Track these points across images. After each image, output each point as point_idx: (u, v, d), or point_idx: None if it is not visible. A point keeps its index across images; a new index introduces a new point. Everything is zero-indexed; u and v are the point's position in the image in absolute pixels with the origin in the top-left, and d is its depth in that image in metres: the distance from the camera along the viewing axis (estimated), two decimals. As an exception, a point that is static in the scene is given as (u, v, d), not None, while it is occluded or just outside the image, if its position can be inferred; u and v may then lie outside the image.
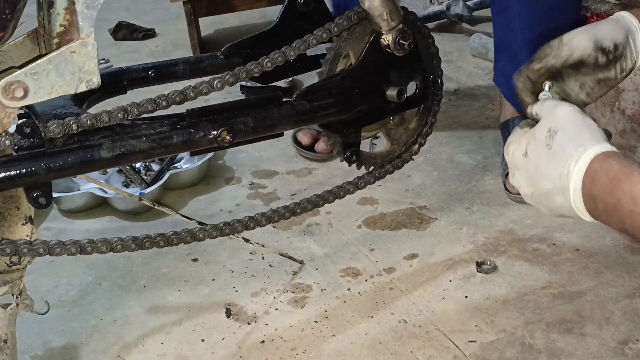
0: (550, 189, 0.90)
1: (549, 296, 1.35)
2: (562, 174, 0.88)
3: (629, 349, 1.20)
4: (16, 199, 0.97)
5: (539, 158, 0.91)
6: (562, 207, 0.90)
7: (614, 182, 0.84)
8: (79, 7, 0.88)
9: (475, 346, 1.24)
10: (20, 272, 1.03)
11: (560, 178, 0.88)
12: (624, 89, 1.73)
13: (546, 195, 0.91)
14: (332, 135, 1.11)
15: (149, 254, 1.59)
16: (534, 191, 0.93)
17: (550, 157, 0.90)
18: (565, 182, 0.88)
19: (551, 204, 0.92)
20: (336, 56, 1.06)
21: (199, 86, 0.98)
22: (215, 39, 3.06)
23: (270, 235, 1.63)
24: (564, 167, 0.88)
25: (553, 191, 0.90)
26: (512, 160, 0.96)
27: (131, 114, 0.94)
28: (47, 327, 1.37)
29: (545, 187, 0.91)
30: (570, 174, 0.87)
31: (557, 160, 0.89)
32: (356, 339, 1.28)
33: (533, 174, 0.92)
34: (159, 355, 1.29)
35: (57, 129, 0.89)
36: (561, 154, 0.89)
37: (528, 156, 0.93)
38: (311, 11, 1.13)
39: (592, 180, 0.86)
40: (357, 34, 1.07)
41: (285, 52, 1.02)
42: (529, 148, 0.93)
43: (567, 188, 0.88)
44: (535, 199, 0.94)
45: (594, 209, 0.87)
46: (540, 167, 0.91)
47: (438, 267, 1.46)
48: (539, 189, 0.92)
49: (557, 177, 0.89)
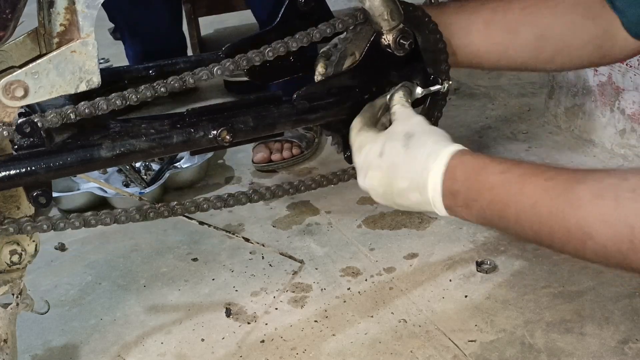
0: (406, 187, 0.94)
1: (549, 296, 1.35)
2: (419, 171, 0.92)
3: (629, 349, 1.20)
4: (16, 199, 0.97)
5: (396, 156, 0.94)
6: (417, 203, 0.95)
7: (472, 175, 0.90)
8: (79, 6, 0.88)
9: (475, 346, 1.24)
10: (20, 272, 1.03)
11: (419, 175, 0.92)
12: (624, 88, 1.73)
13: (400, 193, 0.95)
14: (333, 134, 1.11)
15: (148, 253, 1.59)
16: (387, 190, 0.96)
17: (407, 156, 0.94)
18: (423, 179, 0.92)
19: (404, 202, 0.96)
20: (342, 57, 1.06)
21: (199, 72, 0.98)
22: (215, 39, 3.05)
23: (270, 234, 1.63)
24: (423, 165, 0.92)
25: (409, 189, 0.94)
26: (366, 159, 0.98)
27: (129, 101, 0.93)
28: (47, 326, 1.37)
29: (400, 186, 0.94)
30: (429, 171, 0.91)
31: (415, 159, 0.93)
32: (356, 339, 1.28)
33: (389, 173, 0.95)
34: (159, 355, 1.29)
35: (55, 119, 0.89)
36: (419, 153, 0.93)
37: (384, 155, 0.96)
38: (312, 10, 1.13)
39: (451, 175, 0.91)
40: (363, 34, 1.07)
41: (287, 42, 1.02)
42: (385, 148, 0.96)
43: (425, 185, 0.92)
44: (387, 197, 0.98)
45: (452, 204, 0.92)
46: (398, 166, 0.94)
47: (438, 266, 1.46)
48: (394, 187, 0.95)
49: (414, 175, 0.93)
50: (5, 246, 1.00)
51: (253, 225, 1.66)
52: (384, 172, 0.96)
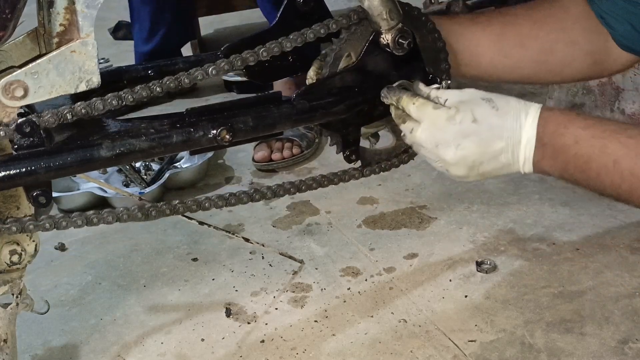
0: (502, 147, 0.96)
1: (549, 296, 1.34)
2: (514, 128, 0.95)
3: (629, 349, 1.20)
4: (16, 199, 0.97)
5: (491, 118, 0.96)
6: (503, 166, 0.98)
7: (560, 128, 0.94)
8: (79, 6, 0.88)
9: (475, 346, 1.24)
10: (20, 272, 1.03)
11: (514, 132, 0.95)
12: (624, 88, 1.73)
13: (494, 156, 0.97)
14: (333, 134, 1.11)
15: (148, 253, 1.59)
16: (480, 156, 0.97)
17: (500, 117, 0.96)
18: (517, 135, 0.95)
19: (490, 167, 0.98)
20: (337, 58, 1.06)
21: (194, 72, 0.98)
22: (215, 39, 3.06)
23: (270, 234, 1.63)
24: (515, 122, 0.95)
25: (503, 149, 0.96)
26: (461, 128, 0.97)
27: (125, 101, 0.93)
28: (47, 326, 1.37)
29: (496, 147, 0.96)
30: (522, 127, 0.95)
31: (507, 119, 0.96)
32: (356, 339, 1.28)
33: (487, 136, 0.96)
34: (159, 355, 1.29)
35: (52, 119, 0.89)
36: (509, 112, 0.96)
37: (478, 121, 0.96)
38: (311, 11, 1.12)
39: (542, 128, 0.95)
40: (358, 34, 1.07)
41: (282, 42, 1.02)
42: (476, 113, 0.96)
43: (519, 141, 0.96)
44: (474, 166, 0.98)
45: (540, 158, 0.95)
46: (494, 128, 0.96)
47: (438, 266, 1.46)
48: (489, 150, 0.96)
49: (510, 133, 0.95)
50: (5, 246, 1.00)
51: (253, 225, 1.66)
52: (482, 137, 0.96)
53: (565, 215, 1.60)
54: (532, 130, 0.95)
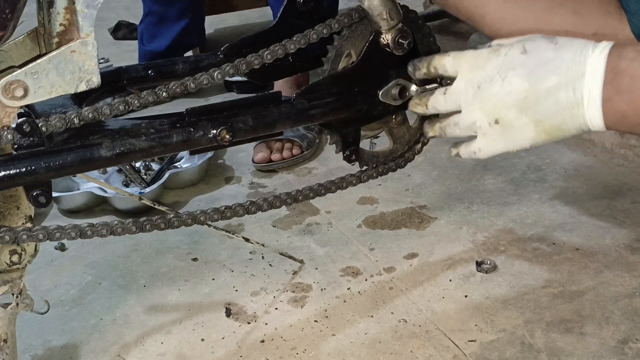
0: (556, 83, 0.83)
1: (549, 295, 1.35)
2: (576, 61, 0.82)
3: (629, 349, 1.20)
4: (16, 198, 0.97)
5: (544, 51, 0.85)
6: (564, 108, 0.84)
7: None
8: (79, 6, 0.88)
9: (475, 345, 1.24)
10: (20, 272, 1.03)
11: (575, 65, 0.82)
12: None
13: (548, 93, 0.84)
14: (332, 134, 1.11)
15: (148, 253, 1.59)
16: (530, 93, 0.85)
17: (557, 51, 0.84)
18: (580, 67, 0.82)
19: (549, 107, 0.85)
20: (338, 55, 1.07)
21: (199, 77, 0.98)
22: (215, 39, 3.06)
23: (270, 234, 1.63)
24: (579, 53, 0.83)
25: (559, 85, 0.83)
26: (506, 59, 0.87)
27: (132, 106, 0.94)
28: (47, 326, 1.37)
29: (549, 83, 0.84)
30: (587, 57, 0.82)
31: (567, 48, 0.83)
32: (356, 339, 1.28)
33: (536, 69, 0.84)
34: (159, 355, 1.29)
35: (59, 123, 0.89)
36: (574, 44, 0.84)
37: (529, 52, 0.85)
38: (311, 10, 1.13)
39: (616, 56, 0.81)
40: (359, 32, 1.07)
41: (285, 45, 1.02)
42: (527, 46, 0.86)
43: (582, 74, 0.82)
44: (527, 104, 0.86)
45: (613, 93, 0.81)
46: (547, 61, 0.84)
47: (438, 266, 1.46)
48: (540, 86, 0.84)
49: (569, 65, 0.83)
50: (5, 246, 1.00)
51: (253, 225, 1.67)
52: (530, 69, 0.85)
53: (565, 215, 1.60)
54: (601, 59, 0.81)
